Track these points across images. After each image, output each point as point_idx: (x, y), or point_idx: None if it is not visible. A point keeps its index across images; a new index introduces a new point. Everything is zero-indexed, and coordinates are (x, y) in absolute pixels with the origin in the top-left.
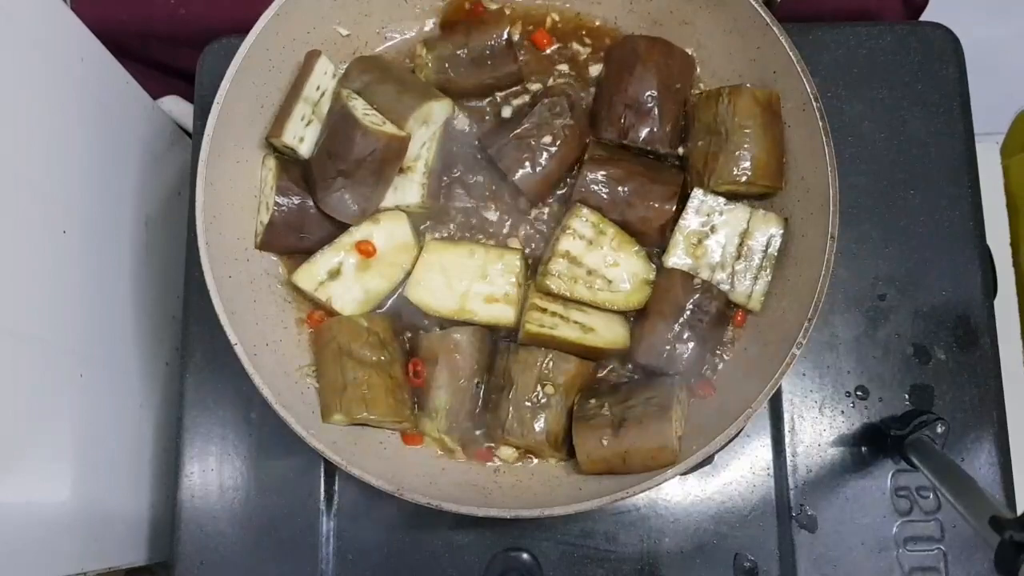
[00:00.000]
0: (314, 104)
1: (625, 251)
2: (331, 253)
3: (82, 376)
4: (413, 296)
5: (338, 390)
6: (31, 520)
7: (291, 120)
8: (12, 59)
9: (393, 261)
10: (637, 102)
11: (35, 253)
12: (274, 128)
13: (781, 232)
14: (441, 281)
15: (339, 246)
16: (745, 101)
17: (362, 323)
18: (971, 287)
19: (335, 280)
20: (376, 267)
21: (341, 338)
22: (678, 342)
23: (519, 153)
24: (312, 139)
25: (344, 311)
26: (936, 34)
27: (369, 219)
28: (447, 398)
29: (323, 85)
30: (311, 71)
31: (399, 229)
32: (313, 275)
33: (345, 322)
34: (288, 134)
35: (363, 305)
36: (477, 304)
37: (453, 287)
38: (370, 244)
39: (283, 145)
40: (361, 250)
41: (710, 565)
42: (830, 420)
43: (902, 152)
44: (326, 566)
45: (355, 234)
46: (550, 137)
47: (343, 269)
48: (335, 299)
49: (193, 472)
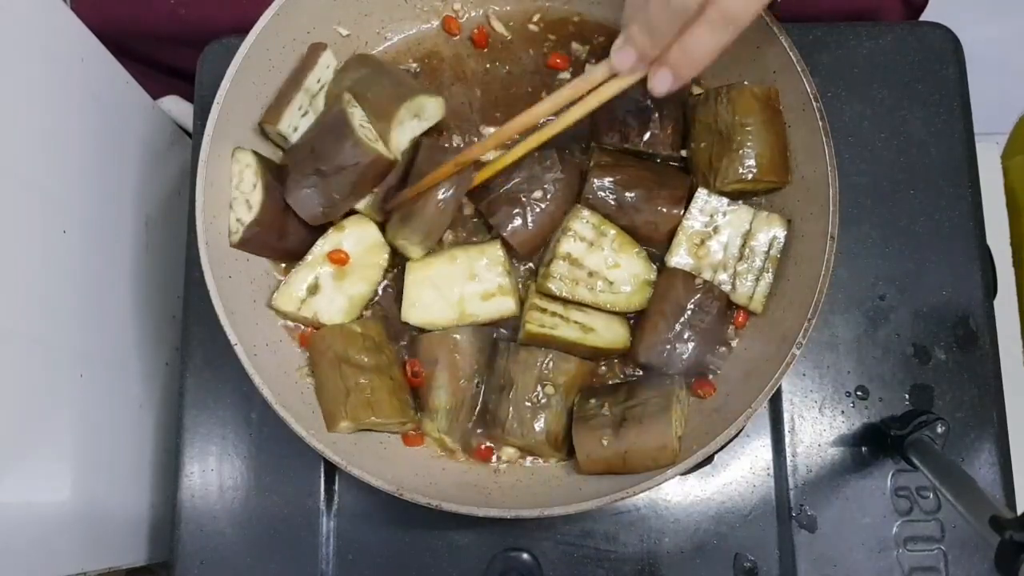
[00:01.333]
0: (313, 96)
1: (626, 252)
2: (305, 270)
3: (82, 376)
4: (412, 319)
5: (341, 397)
6: (31, 520)
7: (289, 109)
8: (12, 59)
9: (368, 263)
10: (638, 106)
11: (35, 253)
12: (270, 114)
13: (784, 233)
14: (433, 295)
15: (311, 262)
16: (743, 99)
17: (355, 329)
18: (971, 287)
19: (315, 295)
20: (353, 273)
21: (337, 346)
22: (679, 342)
23: (510, 208)
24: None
25: (333, 322)
26: (936, 34)
27: (334, 228)
28: (447, 398)
29: (324, 78)
30: (314, 63)
31: (366, 231)
32: (292, 296)
33: (338, 329)
34: (284, 122)
35: (350, 313)
36: (475, 306)
37: (447, 297)
38: (342, 252)
39: (276, 133)
40: (334, 260)
41: (710, 565)
42: (830, 420)
43: (902, 152)
44: (326, 566)
45: (324, 246)
46: (540, 192)
47: (320, 283)
48: (321, 313)
49: (193, 472)
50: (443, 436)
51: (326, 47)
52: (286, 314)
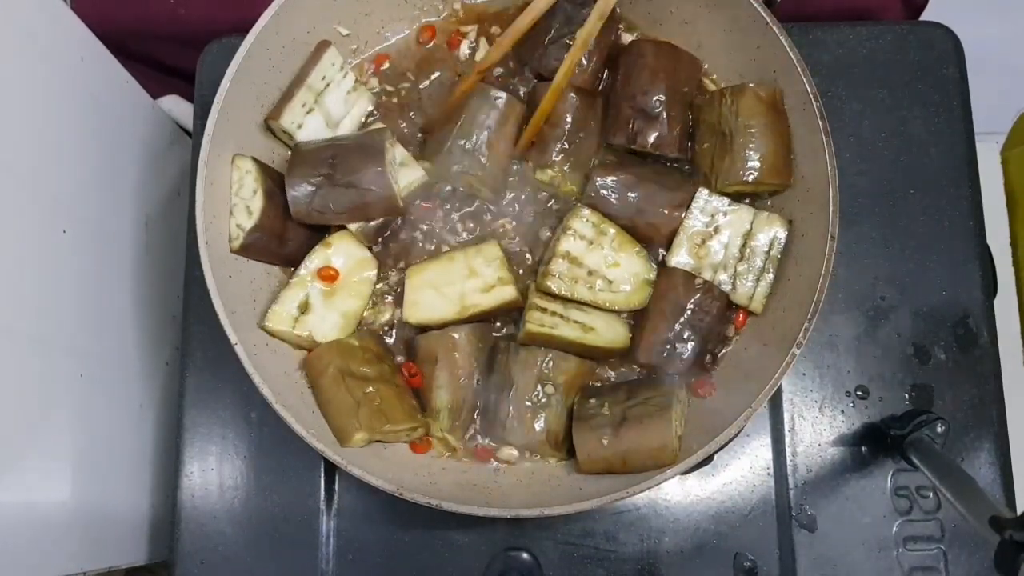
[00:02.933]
0: (318, 93)
1: (626, 251)
2: (296, 289)
3: (82, 376)
4: (413, 318)
5: (351, 410)
6: (31, 520)
7: (291, 105)
8: (12, 59)
9: (358, 277)
10: (645, 107)
11: (35, 253)
12: (273, 110)
13: (785, 233)
14: (433, 294)
15: (300, 281)
16: (748, 100)
17: (353, 342)
18: (971, 287)
19: (307, 314)
20: (343, 288)
21: (337, 361)
22: (679, 342)
23: (561, 54)
24: (311, 127)
25: (328, 339)
26: (936, 34)
27: (321, 245)
28: (448, 397)
29: (329, 76)
30: (319, 60)
31: (351, 247)
32: (284, 315)
33: (335, 345)
34: (286, 118)
35: (344, 328)
36: (476, 297)
37: (447, 295)
38: (331, 269)
39: (280, 130)
40: (324, 276)
41: (710, 565)
42: (830, 420)
43: (902, 152)
44: (326, 566)
45: (311, 265)
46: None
47: (311, 301)
48: (315, 332)
49: (193, 472)
50: (446, 435)
51: (330, 44)
52: (279, 334)
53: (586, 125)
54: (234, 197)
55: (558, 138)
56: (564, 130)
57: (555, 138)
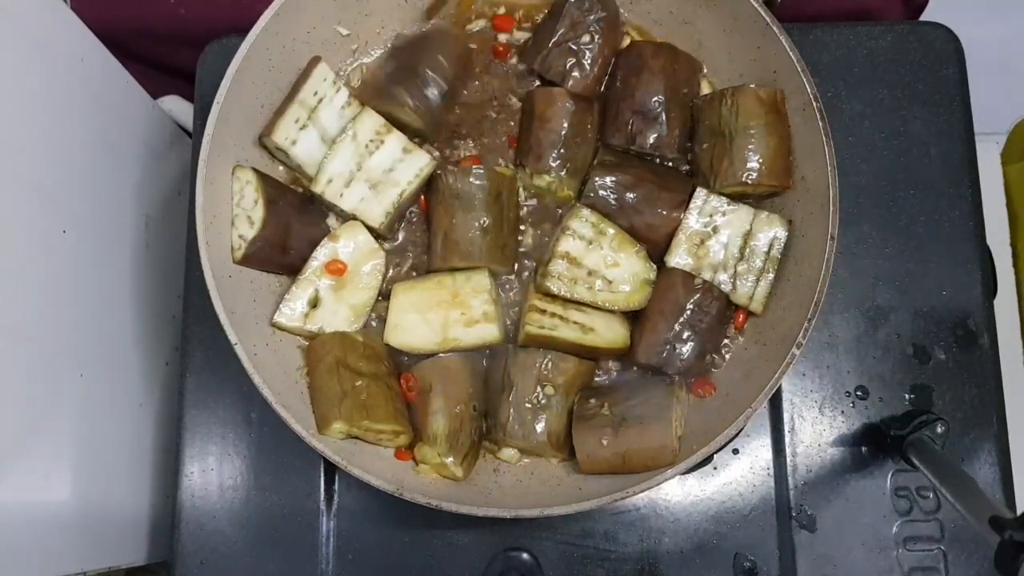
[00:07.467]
0: (311, 109)
1: (625, 251)
2: (305, 284)
3: (82, 376)
4: (394, 341)
5: (336, 399)
6: (31, 520)
7: (284, 121)
8: (12, 59)
9: (367, 269)
10: (644, 108)
11: (35, 253)
12: (266, 128)
13: (785, 233)
14: (417, 319)
15: (309, 276)
16: (748, 101)
17: (357, 337)
18: (971, 287)
19: (317, 309)
20: (352, 281)
21: (337, 351)
22: (678, 342)
23: (563, 59)
24: (305, 143)
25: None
26: (936, 34)
27: (328, 238)
28: (445, 423)
29: (321, 91)
30: (309, 76)
31: (359, 237)
32: (294, 311)
33: (339, 336)
34: (279, 134)
35: (355, 321)
36: (458, 331)
37: (431, 321)
38: (338, 262)
39: (275, 147)
40: (332, 271)
41: (710, 565)
42: (830, 420)
43: (902, 152)
44: (326, 566)
45: (319, 259)
46: (588, 36)
47: (321, 295)
48: (326, 327)
49: (193, 472)
50: (444, 460)
51: (320, 60)
52: (290, 330)
53: (583, 131)
54: (235, 208)
55: (555, 144)
56: (561, 136)
57: (551, 144)
